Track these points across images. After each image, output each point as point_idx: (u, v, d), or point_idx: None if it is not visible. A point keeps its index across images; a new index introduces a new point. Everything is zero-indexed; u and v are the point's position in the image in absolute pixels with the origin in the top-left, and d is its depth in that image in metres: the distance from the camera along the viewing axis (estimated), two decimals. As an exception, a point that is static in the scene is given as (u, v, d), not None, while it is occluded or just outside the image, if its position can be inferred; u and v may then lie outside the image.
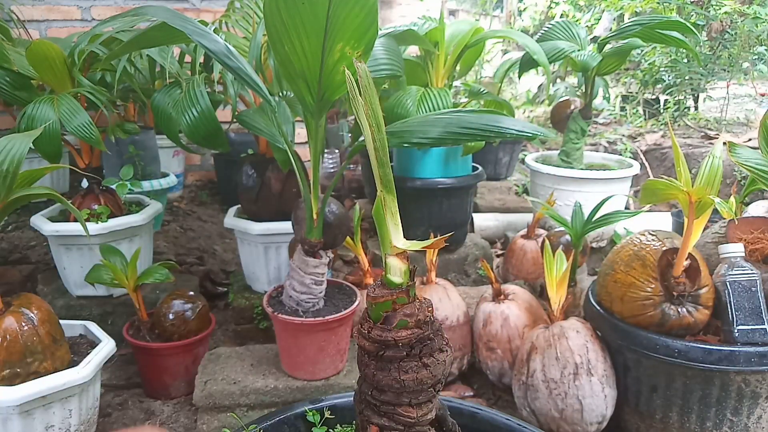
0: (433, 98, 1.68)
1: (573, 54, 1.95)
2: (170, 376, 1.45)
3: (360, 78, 0.55)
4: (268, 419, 0.80)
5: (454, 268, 2.01)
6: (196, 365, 1.38)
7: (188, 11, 2.51)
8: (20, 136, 1.04)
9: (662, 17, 1.91)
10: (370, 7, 0.87)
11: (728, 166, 2.38)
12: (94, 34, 1.32)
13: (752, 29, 3.15)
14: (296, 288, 1.26)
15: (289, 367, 1.31)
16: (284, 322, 1.26)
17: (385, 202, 0.57)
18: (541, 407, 1.29)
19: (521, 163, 3.01)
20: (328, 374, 1.31)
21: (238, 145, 2.41)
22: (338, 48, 0.92)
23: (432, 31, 1.82)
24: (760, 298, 1.14)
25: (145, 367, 1.46)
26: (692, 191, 1.11)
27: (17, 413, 1.02)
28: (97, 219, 1.54)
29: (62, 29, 2.41)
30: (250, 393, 1.27)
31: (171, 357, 1.43)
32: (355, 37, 0.91)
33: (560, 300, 1.35)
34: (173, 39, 1.12)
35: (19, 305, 1.09)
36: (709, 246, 1.32)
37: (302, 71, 0.97)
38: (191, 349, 1.45)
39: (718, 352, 1.11)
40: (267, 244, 1.62)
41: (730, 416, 1.16)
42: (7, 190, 1.02)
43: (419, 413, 0.61)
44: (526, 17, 5.21)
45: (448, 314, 1.50)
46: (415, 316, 0.59)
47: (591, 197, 1.88)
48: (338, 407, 0.84)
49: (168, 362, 1.44)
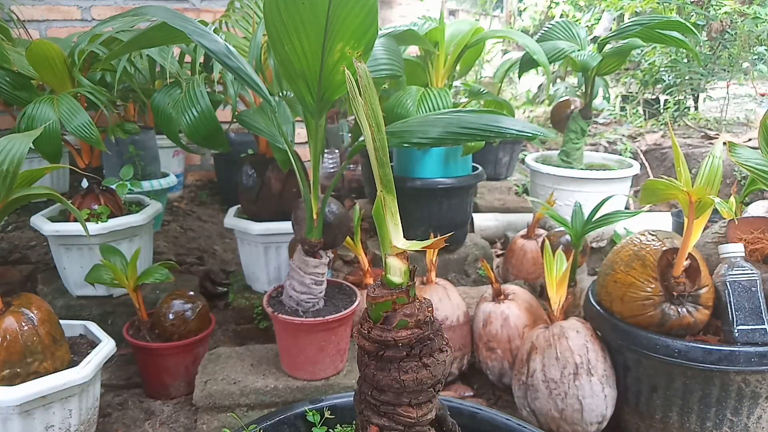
0: (433, 98, 1.68)
1: (573, 54, 1.95)
2: (170, 376, 1.45)
3: (360, 78, 0.55)
4: (268, 419, 0.80)
5: (454, 268, 2.01)
6: (196, 365, 1.38)
7: (188, 11, 2.51)
8: (20, 136, 1.04)
9: (662, 17, 1.91)
10: (370, 7, 0.87)
11: (728, 166, 2.38)
12: (94, 34, 1.32)
13: (752, 29, 3.15)
14: (296, 288, 1.26)
15: (289, 367, 1.31)
16: (284, 322, 1.26)
17: (385, 202, 0.57)
18: (541, 407, 1.29)
19: (521, 163, 3.01)
20: (328, 374, 1.31)
21: (238, 145, 2.41)
22: (338, 48, 0.92)
23: (432, 31, 1.82)
24: (760, 298, 1.14)
25: (145, 367, 1.46)
26: (692, 191, 1.11)
27: (17, 413, 1.02)
28: (97, 219, 1.54)
29: (62, 29, 2.41)
30: (250, 393, 1.27)
31: (171, 357, 1.43)
32: (355, 37, 0.91)
33: (560, 300, 1.35)
34: (173, 39, 1.12)
35: (19, 305, 1.09)
36: (709, 246, 1.32)
37: (302, 71, 0.97)
38: (191, 349, 1.45)
39: (718, 352, 1.11)
40: (267, 244, 1.62)
41: (730, 416, 1.16)
42: (7, 190, 1.02)
43: (419, 413, 0.61)
44: (526, 17, 5.21)
45: (448, 314, 1.50)
46: (415, 316, 0.59)
47: (591, 197, 1.88)
48: (338, 407, 0.84)
49: (168, 362, 1.44)
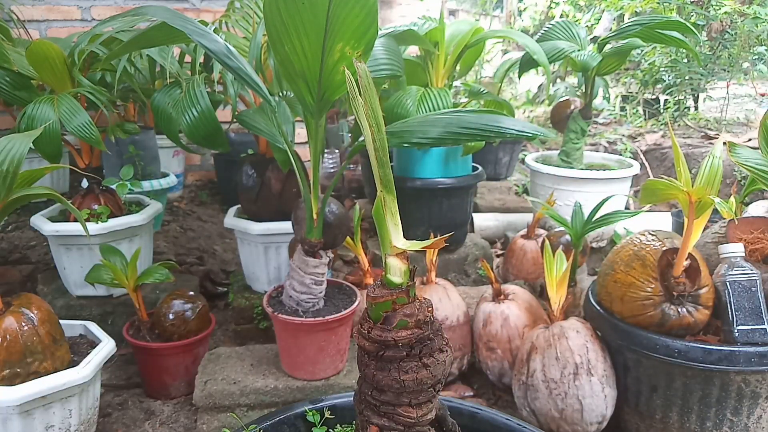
0: (433, 98, 1.68)
1: (573, 54, 1.95)
2: (170, 376, 1.45)
3: (360, 78, 0.55)
4: (268, 419, 0.80)
5: (454, 268, 2.01)
6: (196, 365, 1.38)
7: (188, 11, 2.51)
8: (20, 136, 1.04)
9: (662, 17, 1.91)
10: (370, 7, 0.87)
11: (728, 166, 2.38)
12: (94, 34, 1.32)
13: (752, 29, 3.15)
14: (296, 288, 1.26)
15: (289, 367, 1.31)
16: (284, 322, 1.26)
17: (385, 202, 0.57)
18: (541, 407, 1.29)
19: (521, 163, 3.01)
20: (328, 374, 1.31)
21: (238, 145, 2.41)
22: (338, 48, 0.92)
23: (432, 31, 1.82)
24: (760, 298, 1.14)
25: (145, 367, 1.46)
26: (692, 191, 1.11)
27: (17, 413, 1.02)
28: (97, 219, 1.54)
29: (62, 29, 2.41)
30: (250, 393, 1.27)
31: (171, 357, 1.43)
32: (355, 37, 0.91)
33: (560, 300, 1.35)
34: (173, 39, 1.12)
35: (19, 305, 1.09)
36: (709, 246, 1.32)
37: (302, 71, 0.97)
38: (191, 349, 1.45)
39: (718, 352, 1.11)
40: (267, 244, 1.62)
41: (730, 416, 1.16)
42: (7, 190, 1.02)
43: (419, 413, 0.61)
44: (526, 17, 5.21)
45: (448, 314, 1.50)
46: (415, 316, 0.59)
47: (591, 197, 1.88)
48: (338, 407, 0.84)
49: (168, 362, 1.44)
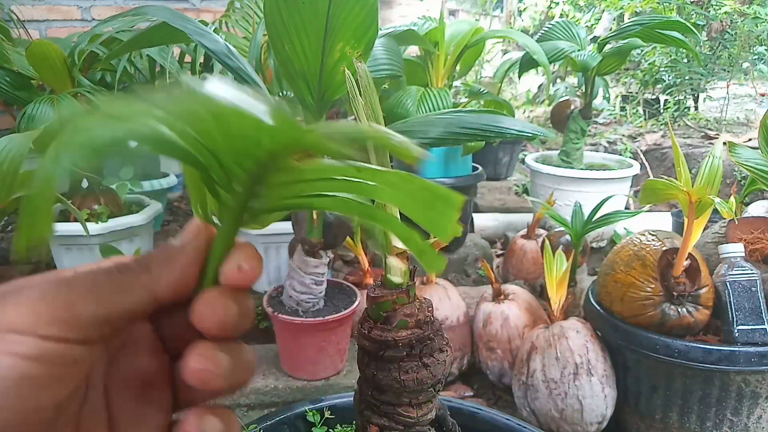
0: (433, 98, 1.68)
1: (573, 54, 1.95)
2: (170, 376, 1.44)
3: (360, 78, 0.55)
4: (268, 419, 0.80)
5: (454, 268, 2.01)
6: (196, 365, 1.38)
7: (188, 11, 2.51)
8: (20, 136, 1.04)
9: (662, 17, 1.91)
10: (370, 7, 0.87)
11: (728, 166, 2.37)
12: (94, 34, 1.32)
13: (752, 29, 3.15)
14: (296, 288, 1.26)
15: (289, 367, 1.31)
16: (284, 322, 1.26)
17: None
18: (541, 407, 1.29)
19: (521, 163, 3.00)
20: (328, 374, 1.31)
21: (238, 145, 2.41)
22: (338, 48, 0.92)
23: (432, 31, 1.82)
24: (760, 298, 1.14)
25: (145, 367, 1.46)
26: (692, 191, 1.11)
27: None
28: (97, 219, 1.54)
29: (62, 29, 2.41)
30: (250, 393, 1.27)
31: (171, 357, 1.43)
32: (355, 37, 0.91)
33: (560, 300, 1.35)
34: (173, 39, 1.12)
35: (19, 305, 1.09)
36: (709, 246, 1.32)
37: (302, 71, 0.97)
38: (191, 349, 1.44)
39: (718, 352, 1.11)
40: (267, 244, 1.62)
41: (730, 416, 1.16)
42: (7, 190, 1.02)
43: (419, 413, 0.61)
44: (526, 17, 5.21)
45: (448, 314, 1.50)
46: (415, 316, 0.59)
47: (591, 197, 1.88)
48: (338, 407, 0.84)
49: (168, 362, 1.43)
